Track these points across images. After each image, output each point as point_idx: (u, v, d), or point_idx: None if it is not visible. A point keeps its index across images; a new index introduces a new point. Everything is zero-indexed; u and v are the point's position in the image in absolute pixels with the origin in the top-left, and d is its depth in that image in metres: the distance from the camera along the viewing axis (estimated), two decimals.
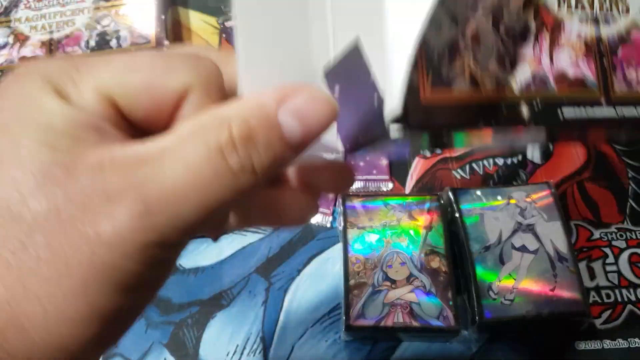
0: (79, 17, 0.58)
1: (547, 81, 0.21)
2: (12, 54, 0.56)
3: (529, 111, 0.21)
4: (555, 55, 0.22)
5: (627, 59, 0.22)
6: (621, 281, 0.46)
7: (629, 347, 0.44)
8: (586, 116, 0.21)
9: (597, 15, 0.22)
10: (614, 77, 0.22)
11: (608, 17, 0.22)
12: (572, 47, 0.22)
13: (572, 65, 0.22)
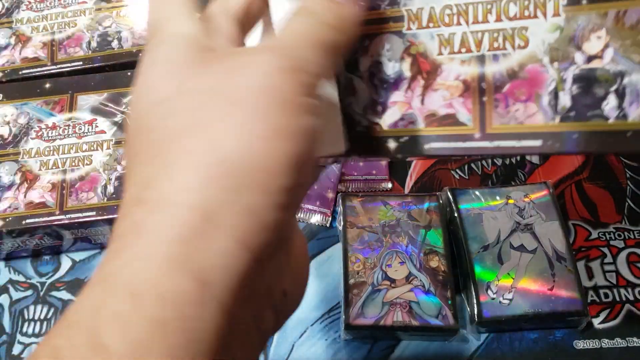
0: (81, 18, 0.58)
1: (415, 120, 0.25)
2: (13, 54, 0.56)
3: (395, 145, 0.25)
4: (426, 98, 0.24)
5: (514, 94, 0.23)
6: (619, 280, 0.46)
7: (627, 346, 0.44)
8: (454, 147, 0.24)
9: (485, 54, 0.24)
10: (493, 112, 0.24)
11: (498, 54, 0.23)
12: (447, 88, 0.24)
13: (444, 105, 0.24)
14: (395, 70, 0.25)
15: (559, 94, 0.22)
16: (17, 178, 0.49)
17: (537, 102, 0.23)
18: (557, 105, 0.22)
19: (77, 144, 0.50)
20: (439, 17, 0.24)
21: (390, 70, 0.25)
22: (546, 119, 0.23)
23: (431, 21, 0.24)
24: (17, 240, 0.48)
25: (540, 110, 0.23)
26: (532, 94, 0.23)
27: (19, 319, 0.48)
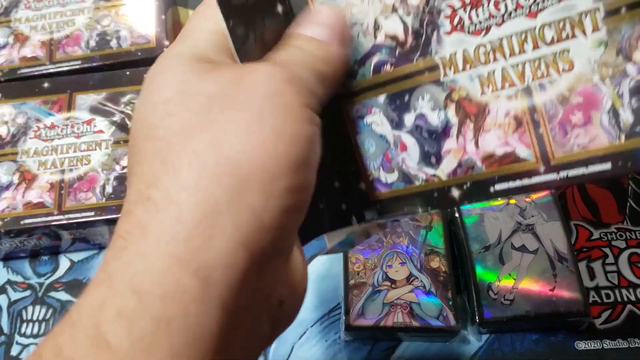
0: (79, 17, 0.57)
1: (474, 164, 0.24)
2: (12, 54, 0.56)
3: (459, 192, 0.25)
4: (480, 140, 0.24)
5: (570, 120, 0.22)
6: (621, 281, 0.46)
7: (629, 347, 0.44)
8: (521, 185, 0.23)
9: (530, 85, 0.23)
10: (553, 142, 0.23)
11: (544, 83, 0.23)
12: (499, 127, 0.24)
13: (500, 145, 0.24)
14: (442, 118, 0.25)
15: (619, 110, 0.21)
16: (15, 178, 0.48)
17: (596, 124, 0.22)
18: (619, 122, 0.21)
19: (76, 143, 0.50)
20: (473, 57, 0.24)
21: (436, 120, 0.25)
22: (611, 139, 0.22)
23: (467, 63, 0.24)
24: (16, 240, 0.48)
25: (602, 131, 0.22)
26: (589, 116, 0.22)
27: (18, 320, 0.48)
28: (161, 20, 0.57)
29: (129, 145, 0.22)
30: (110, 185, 0.48)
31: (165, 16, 0.57)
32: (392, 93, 0.26)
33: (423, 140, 0.25)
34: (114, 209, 0.46)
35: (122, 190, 0.47)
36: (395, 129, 0.26)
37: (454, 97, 0.24)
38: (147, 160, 0.20)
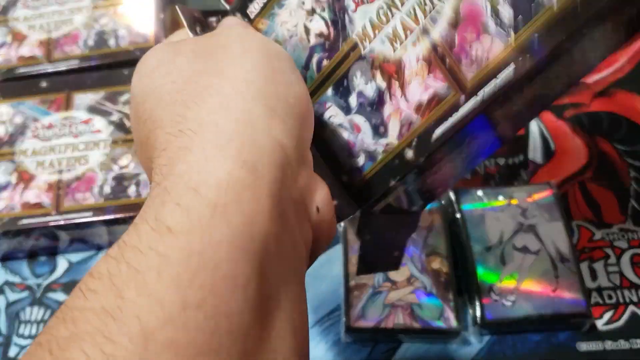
0: (77, 16, 0.57)
1: (411, 119, 0.25)
2: (9, 53, 0.56)
3: (412, 152, 0.25)
4: (408, 94, 0.25)
5: (465, 40, 0.23)
6: (623, 282, 0.46)
7: (631, 348, 0.43)
8: (452, 124, 0.24)
9: (424, 24, 0.24)
10: (461, 67, 0.23)
11: (433, 16, 0.24)
12: (416, 74, 0.25)
13: (423, 91, 0.25)
14: (374, 88, 0.27)
15: (499, 9, 0.22)
16: (13, 178, 0.48)
17: (486, 32, 0.22)
18: (503, 21, 0.22)
19: (74, 143, 0.49)
20: (377, 21, 0.26)
21: (371, 92, 0.27)
22: (503, 40, 0.22)
23: (375, 29, 0.26)
24: (13, 241, 0.47)
25: (494, 36, 0.22)
26: (478, 27, 0.23)
27: (15, 321, 0.47)
28: (159, 19, 0.56)
29: (139, 121, 0.24)
30: (109, 186, 0.47)
31: (163, 15, 0.57)
32: (334, 83, 0.28)
33: (368, 114, 0.27)
34: (112, 209, 0.46)
35: (120, 191, 0.47)
36: (347, 114, 0.28)
37: (376, 64, 0.26)
38: (164, 112, 0.22)
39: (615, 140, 0.53)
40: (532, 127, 0.54)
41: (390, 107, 0.26)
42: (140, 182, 0.47)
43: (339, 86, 0.28)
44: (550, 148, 0.53)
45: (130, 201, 0.47)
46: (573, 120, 0.54)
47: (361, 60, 0.27)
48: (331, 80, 0.28)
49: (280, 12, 0.29)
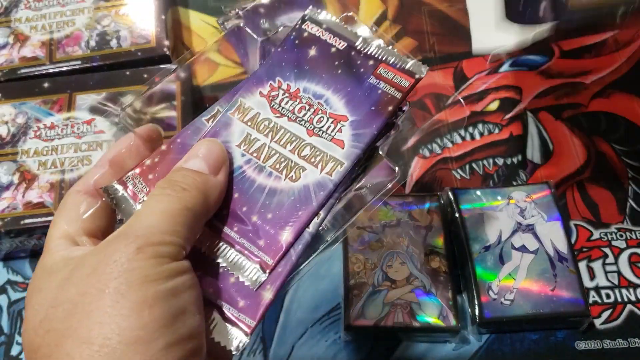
0: (79, 17, 0.57)
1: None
2: (12, 54, 0.56)
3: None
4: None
5: None
6: (621, 281, 0.46)
7: (629, 346, 0.44)
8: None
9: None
10: None
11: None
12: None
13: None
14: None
15: None
16: (16, 178, 0.48)
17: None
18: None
19: (76, 143, 0.50)
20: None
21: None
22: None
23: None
24: (16, 240, 0.48)
25: None
26: None
27: (18, 320, 0.48)
28: (161, 20, 0.57)
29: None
30: None
31: (165, 16, 0.57)
32: None
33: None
34: None
35: None
36: None
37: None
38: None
39: (613, 140, 0.53)
40: (531, 128, 0.54)
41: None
42: None
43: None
44: (548, 148, 0.53)
45: None
46: (571, 121, 0.54)
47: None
48: None
49: None
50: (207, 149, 0.28)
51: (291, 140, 0.28)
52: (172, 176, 0.26)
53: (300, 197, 0.27)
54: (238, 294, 0.26)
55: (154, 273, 0.23)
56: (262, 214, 0.27)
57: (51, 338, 0.22)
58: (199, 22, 0.62)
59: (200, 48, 0.60)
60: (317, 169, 0.28)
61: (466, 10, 0.61)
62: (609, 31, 0.59)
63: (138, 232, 0.23)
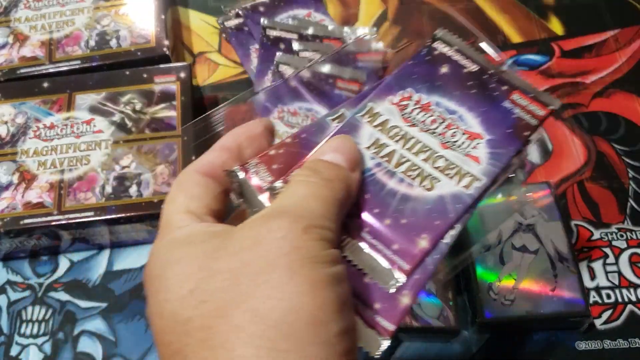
0: (79, 16, 0.57)
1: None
2: (11, 53, 0.56)
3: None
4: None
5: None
6: (621, 281, 0.46)
7: (630, 347, 0.44)
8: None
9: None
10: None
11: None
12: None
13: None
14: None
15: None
16: (15, 178, 0.48)
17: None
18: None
19: (75, 143, 0.49)
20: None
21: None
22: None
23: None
24: (15, 240, 0.48)
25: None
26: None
27: (17, 320, 0.48)
28: (161, 20, 0.57)
29: (160, 344, 0.22)
30: (110, 185, 0.47)
31: (164, 16, 0.57)
32: None
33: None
34: (113, 209, 0.46)
35: (121, 191, 0.47)
36: None
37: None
38: (193, 352, 0.21)
39: (613, 140, 0.53)
40: None
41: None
42: (141, 182, 0.47)
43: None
44: (548, 148, 0.53)
45: (132, 201, 0.47)
46: (571, 121, 0.54)
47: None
48: None
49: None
50: (343, 145, 0.27)
51: (423, 149, 0.29)
52: (314, 165, 0.26)
53: (436, 207, 0.27)
54: (373, 295, 0.25)
55: (322, 255, 0.22)
56: (396, 219, 0.27)
57: (209, 308, 0.21)
58: (199, 21, 0.62)
59: (200, 48, 0.60)
60: (452, 181, 0.28)
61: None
62: (609, 31, 0.59)
63: (298, 213, 0.23)
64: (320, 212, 0.23)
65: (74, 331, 0.47)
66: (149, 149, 0.49)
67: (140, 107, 0.51)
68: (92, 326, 0.47)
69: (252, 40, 0.59)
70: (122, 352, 0.45)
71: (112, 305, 0.48)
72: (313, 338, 0.20)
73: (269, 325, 0.20)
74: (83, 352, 0.46)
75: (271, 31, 0.56)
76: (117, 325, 0.47)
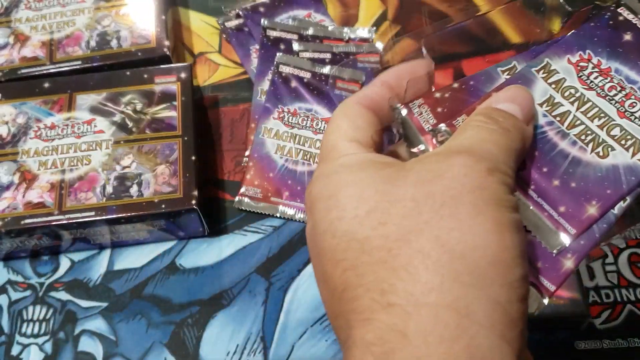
0: (79, 17, 0.58)
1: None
2: (12, 54, 0.56)
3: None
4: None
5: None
6: (620, 281, 0.46)
7: (629, 346, 0.44)
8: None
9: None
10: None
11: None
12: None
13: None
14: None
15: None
16: (16, 178, 0.48)
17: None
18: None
19: (76, 143, 0.50)
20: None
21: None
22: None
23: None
24: (16, 240, 0.48)
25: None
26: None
27: (18, 320, 0.48)
28: (161, 20, 0.57)
29: (327, 262, 0.22)
30: (111, 185, 0.48)
31: (165, 16, 0.57)
32: None
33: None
34: (114, 209, 0.46)
35: (122, 191, 0.47)
36: None
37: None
38: (371, 270, 0.20)
39: None
40: None
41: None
42: (142, 182, 0.48)
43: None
44: None
45: (132, 201, 0.47)
46: None
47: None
48: None
49: None
50: (520, 96, 0.26)
51: (599, 115, 0.27)
52: (490, 113, 0.25)
53: (608, 176, 0.26)
54: (537, 254, 0.25)
55: (505, 199, 0.21)
56: (565, 181, 0.26)
57: (389, 231, 0.21)
58: (199, 22, 0.62)
59: (200, 48, 0.60)
60: (628, 152, 0.26)
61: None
62: None
63: (481, 154, 0.22)
64: (502, 158, 0.23)
65: (74, 331, 0.47)
66: (149, 149, 0.49)
67: (141, 107, 0.51)
68: (93, 326, 0.47)
69: (252, 41, 0.59)
70: (123, 351, 0.46)
71: (113, 304, 0.48)
72: (497, 278, 0.20)
73: (454, 256, 0.20)
74: (84, 352, 0.46)
75: (271, 32, 0.56)
76: (118, 324, 0.47)
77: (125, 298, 0.48)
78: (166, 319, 0.47)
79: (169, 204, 0.46)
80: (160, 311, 0.47)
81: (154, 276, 0.48)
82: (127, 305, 0.47)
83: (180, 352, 0.45)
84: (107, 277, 0.49)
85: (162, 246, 0.50)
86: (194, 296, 0.47)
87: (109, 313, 0.47)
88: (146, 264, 0.49)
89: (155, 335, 0.46)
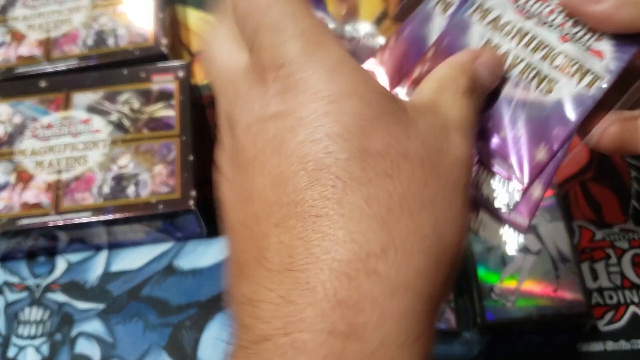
0: (76, 15, 0.57)
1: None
2: (8, 52, 0.56)
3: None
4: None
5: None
6: (624, 282, 0.46)
7: (632, 348, 0.43)
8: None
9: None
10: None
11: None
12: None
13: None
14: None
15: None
16: (12, 178, 0.48)
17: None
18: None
19: (73, 143, 0.49)
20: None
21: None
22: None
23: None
24: (12, 241, 0.47)
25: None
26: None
27: (14, 321, 0.47)
28: (159, 19, 0.56)
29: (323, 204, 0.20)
30: (108, 186, 0.47)
31: (163, 14, 0.57)
32: None
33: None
34: (111, 209, 0.46)
35: (119, 191, 0.47)
36: None
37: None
38: (367, 227, 0.19)
39: None
40: None
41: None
42: (139, 182, 0.47)
43: None
44: None
45: (130, 201, 0.46)
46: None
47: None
48: None
49: None
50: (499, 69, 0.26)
51: (541, 45, 0.26)
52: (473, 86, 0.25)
53: (553, 114, 0.25)
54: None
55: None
56: (511, 129, 0.25)
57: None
58: (198, 20, 0.62)
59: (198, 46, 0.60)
60: (573, 80, 0.25)
61: None
62: None
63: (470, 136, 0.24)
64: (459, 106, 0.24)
65: (71, 333, 0.46)
66: (147, 149, 0.49)
67: (138, 106, 0.51)
68: (90, 328, 0.46)
69: None
70: (120, 353, 0.45)
71: (110, 306, 0.47)
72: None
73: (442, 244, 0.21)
74: (81, 354, 0.45)
75: None
76: (115, 326, 0.46)
77: (122, 300, 0.47)
78: (164, 321, 0.46)
79: (167, 204, 0.46)
80: (157, 313, 0.46)
81: (152, 278, 0.48)
82: (124, 307, 0.47)
83: (178, 354, 0.45)
84: (104, 279, 0.48)
85: (159, 247, 0.49)
86: (192, 298, 0.47)
87: (106, 315, 0.47)
88: (143, 265, 0.49)
89: (153, 337, 0.46)
